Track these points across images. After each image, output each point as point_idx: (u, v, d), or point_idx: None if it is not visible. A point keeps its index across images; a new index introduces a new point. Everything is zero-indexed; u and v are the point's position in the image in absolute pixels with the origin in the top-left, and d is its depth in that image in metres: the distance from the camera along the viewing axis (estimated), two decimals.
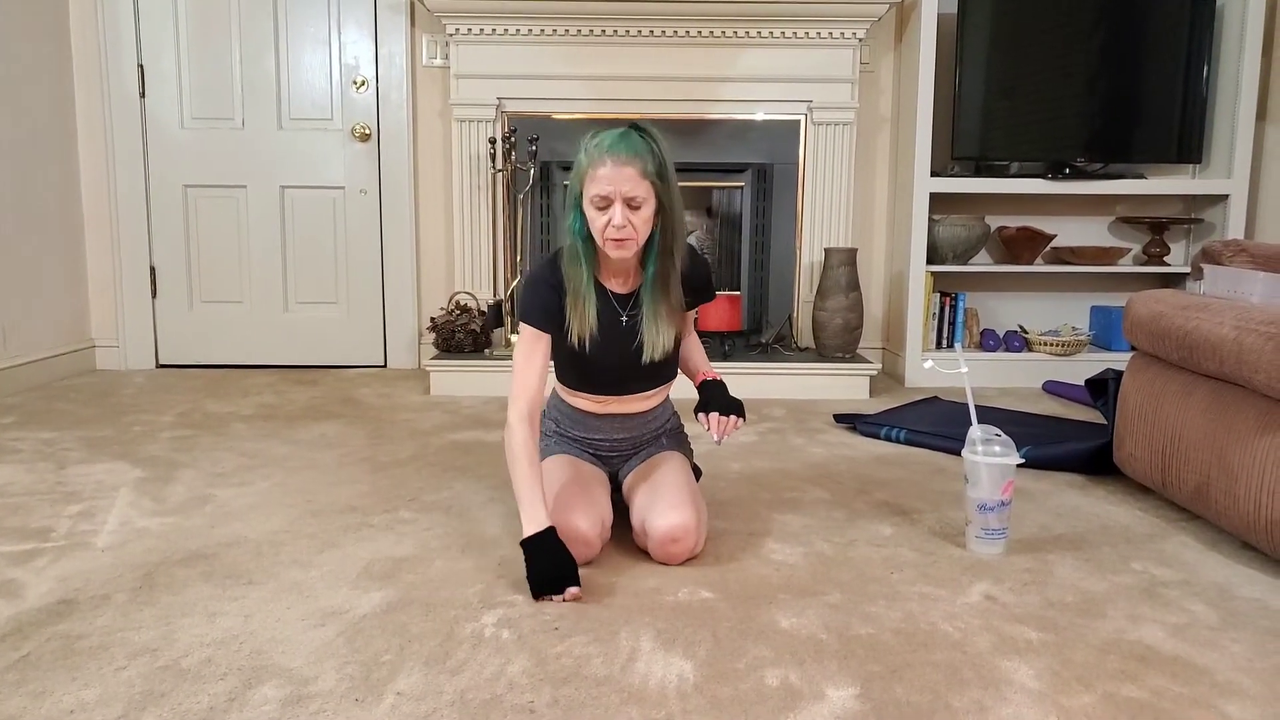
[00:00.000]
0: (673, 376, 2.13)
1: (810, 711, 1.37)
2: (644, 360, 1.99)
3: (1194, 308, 2.17)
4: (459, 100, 3.96)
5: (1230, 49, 3.94)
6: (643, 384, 2.05)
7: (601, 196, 1.82)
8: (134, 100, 4.14)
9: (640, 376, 2.03)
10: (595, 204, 1.83)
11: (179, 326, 4.30)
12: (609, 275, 1.99)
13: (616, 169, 1.80)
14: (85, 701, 1.38)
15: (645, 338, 1.97)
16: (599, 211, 1.84)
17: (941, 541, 2.10)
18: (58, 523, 2.17)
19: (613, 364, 2.00)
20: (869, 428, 3.10)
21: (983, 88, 3.94)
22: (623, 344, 1.98)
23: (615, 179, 1.80)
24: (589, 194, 1.84)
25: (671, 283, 1.97)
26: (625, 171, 1.80)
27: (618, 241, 1.85)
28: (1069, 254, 4.14)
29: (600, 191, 1.82)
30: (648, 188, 1.83)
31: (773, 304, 4.14)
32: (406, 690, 1.42)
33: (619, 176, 1.80)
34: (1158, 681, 1.47)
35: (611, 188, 1.81)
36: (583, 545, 1.88)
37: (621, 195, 1.81)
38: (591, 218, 1.86)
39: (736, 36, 3.91)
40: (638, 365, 2.00)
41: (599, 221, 1.85)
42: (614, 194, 1.81)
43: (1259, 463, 1.92)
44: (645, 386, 2.06)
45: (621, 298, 2.00)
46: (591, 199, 1.83)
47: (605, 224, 1.83)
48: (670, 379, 2.12)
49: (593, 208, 1.84)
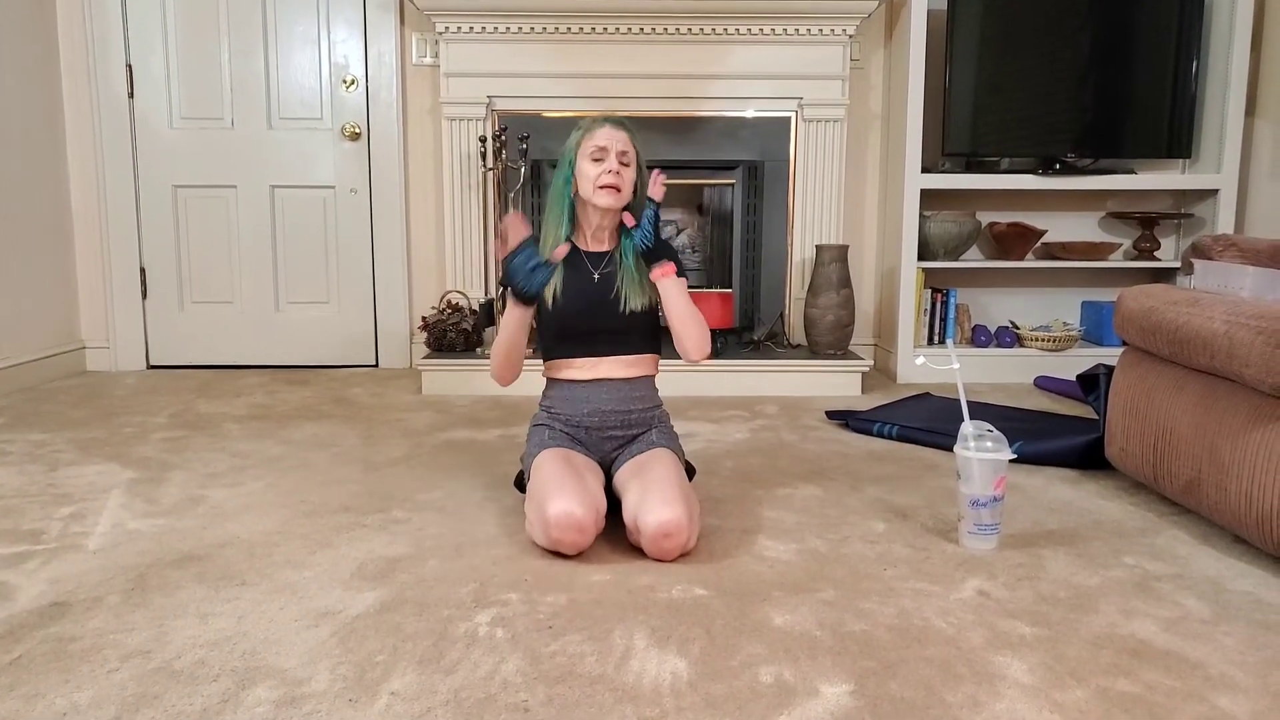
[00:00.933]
0: (654, 348, 2.22)
1: (804, 708, 1.37)
2: (620, 309, 2.13)
3: (1185, 302, 2.18)
4: (449, 99, 3.95)
5: (1219, 44, 3.95)
6: (620, 341, 2.15)
7: (599, 147, 2.09)
8: (122, 100, 4.12)
9: (616, 329, 2.15)
10: (592, 155, 2.10)
11: (169, 327, 4.28)
12: (583, 238, 2.20)
13: (613, 131, 2.12)
14: (78, 704, 1.37)
15: (623, 287, 2.14)
16: (595, 163, 2.10)
17: (934, 537, 2.10)
18: (49, 525, 2.16)
19: (587, 315, 2.14)
20: (861, 424, 3.10)
21: (973, 84, 3.94)
22: (595, 297, 2.15)
23: (612, 137, 2.11)
24: (586, 150, 2.10)
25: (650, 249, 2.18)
26: (620, 134, 2.12)
27: (610, 187, 2.09)
28: (1060, 249, 4.15)
29: (599, 143, 2.09)
30: (634, 154, 2.14)
31: (764, 301, 4.14)
32: (400, 690, 1.42)
33: (615, 136, 2.11)
34: (1150, 675, 1.48)
35: (608, 142, 2.10)
36: (577, 532, 1.89)
37: (615, 150, 2.10)
38: (586, 170, 2.11)
39: (726, 34, 3.91)
40: (613, 317, 2.14)
41: (594, 171, 2.09)
42: (610, 146, 2.10)
43: (1250, 457, 1.92)
44: (623, 346, 2.15)
45: (594, 256, 2.19)
46: (589, 152, 2.10)
47: (600, 171, 2.09)
48: (651, 350, 2.21)
49: (589, 160, 2.10)
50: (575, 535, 1.90)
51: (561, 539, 1.90)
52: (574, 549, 1.92)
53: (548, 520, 1.90)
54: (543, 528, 1.92)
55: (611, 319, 2.14)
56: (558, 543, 1.91)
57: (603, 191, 2.09)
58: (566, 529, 1.88)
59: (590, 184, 2.09)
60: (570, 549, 1.92)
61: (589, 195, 2.11)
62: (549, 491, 1.93)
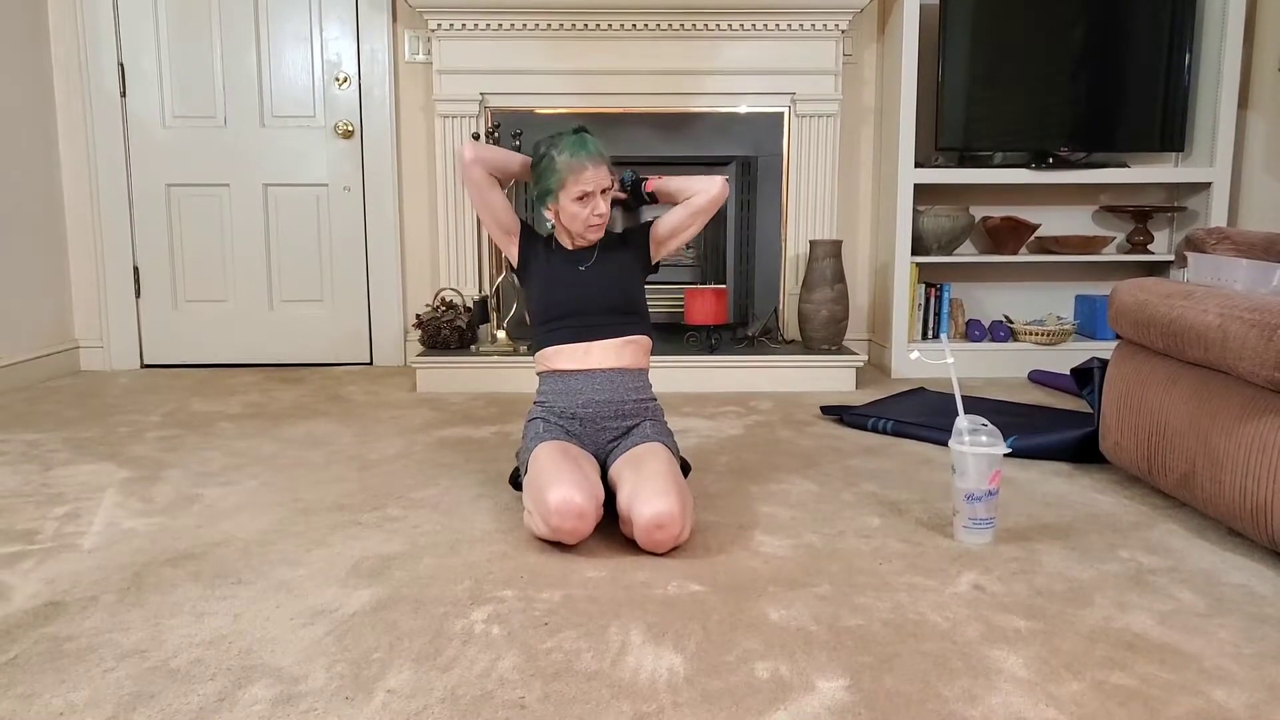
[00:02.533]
0: (644, 329, 2.25)
1: (800, 703, 1.37)
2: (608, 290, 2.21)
3: (1178, 296, 2.18)
4: (442, 96, 3.95)
5: (1211, 37, 3.96)
6: (609, 325, 2.19)
7: (588, 194, 2.14)
8: (115, 99, 4.11)
9: (604, 309, 2.20)
10: (578, 198, 2.15)
11: (163, 326, 4.27)
12: (568, 239, 2.27)
13: (596, 170, 2.14)
14: (74, 703, 1.37)
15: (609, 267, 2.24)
16: (581, 204, 2.15)
17: (929, 532, 2.10)
18: (44, 524, 2.16)
19: (575, 299, 2.21)
20: (856, 419, 3.10)
21: (966, 78, 3.95)
22: (582, 282, 2.23)
23: (596, 178, 2.14)
24: (572, 193, 2.14)
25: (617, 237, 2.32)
26: (602, 170, 2.16)
27: (599, 227, 2.20)
28: (1053, 243, 4.16)
29: (586, 189, 2.14)
30: (610, 177, 2.20)
31: (759, 297, 4.14)
32: (397, 688, 1.42)
33: (599, 175, 2.15)
34: (1146, 668, 1.48)
35: (594, 185, 2.14)
36: (577, 518, 1.90)
37: (599, 190, 2.16)
38: (573, 211, 2.17)
39: (719, 29, 3.91)
40: (601, 298, 2.21)
41: (582, 213, 2.16)
42: (594, 189, 2.15)
43: (1244, 449, 1.93)
44: (613, 329, 2.19)
45: (580, 253, 2.26)
46: (576, 197, 2.14)
47: (589, 213, 2.16)
48: (641, 331, 2.24)
49: (574, 202, 2.15)
50: (575, 522, 1.90)
51: (562, 526, 1.90)
52: (574, 537, 1.92)
53: (548, 508, 1.90)
54: (543, 516, 1.93)
55: (600, 298, 2.21)
56: (558, 530, 1.91)
57: (594, 229, 2.20)
58: (567, 515, 1.89)
59: (580, 224, 2.18)
60: (570, 537, 1.92)
61: (579, 232, 2.21)
62: (548, 480, 1.95)
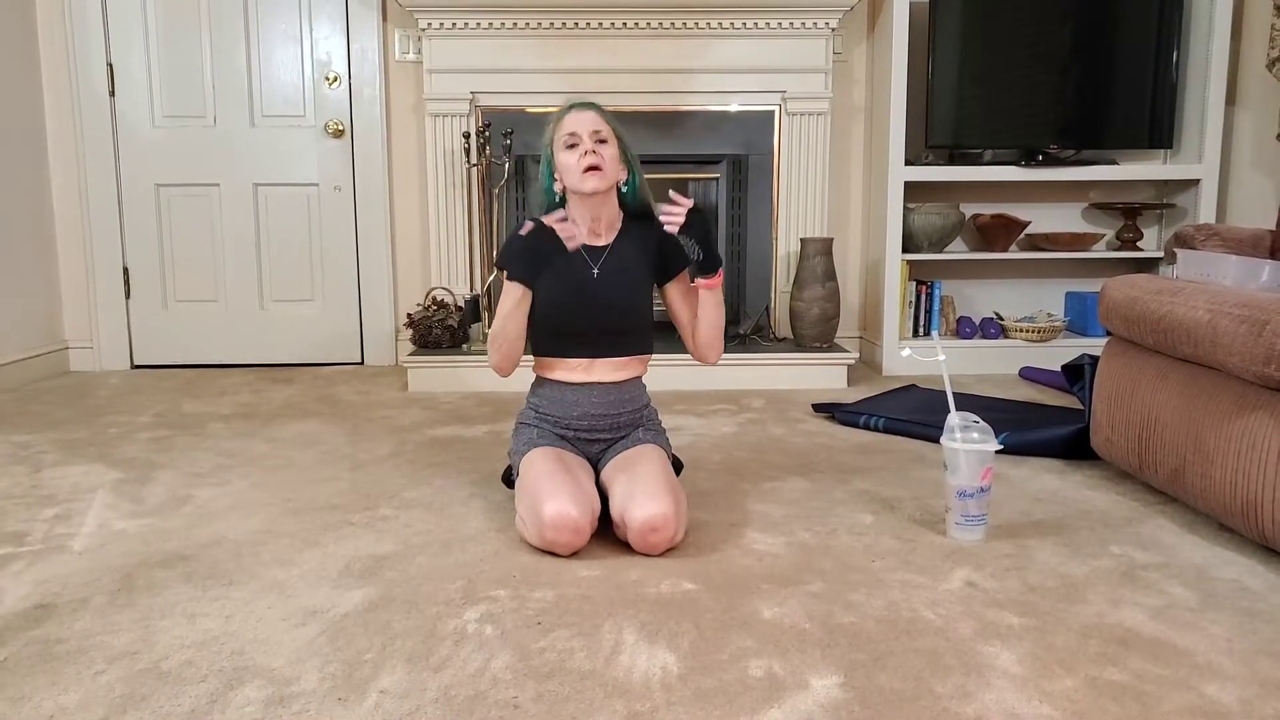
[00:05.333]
0: (646, 349, 2.17)
1: (794, 701, 1.37)
2: (620, 308, 2.10)
3: (1168, 292, 2.19)
4: (432, 95, 3.94)
5: (1199, 34, 3.97)
6: (616, 343, 2.10)
7: (570, 133, 2.04)
8: (103, 99, 4.09)
9: (614, 329, 2.10)
10: (566, 143, 2.05)
11: (153, 327, 4.26)
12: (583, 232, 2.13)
13: (579, 114, 2.07)
14: (65, 706, 1.37)
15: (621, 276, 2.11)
16: (570, 150, 2.04)
17: (922, 529, 2.11)
18: (34, 526, 2.15)
19: (584, 313, 2.08)
20: (848, 416, 3.11)
21: (955, 76, 3.95)
22: (594, 294, 2.09)
23: (580, 120, 2.05)
24: (559, 140, 2.05)
25: (646, 231, 2.14)
26: (587, 114, 2.07)
27: (591, 169, 2.02)
28: (1043, 240, 4.17)
29: (569, 129, 2.04)
30: (608, 130, 2.07)
31: (750, 295, 4.14)
32: (390, 688, 1.41)
33: (583, 119, 2.06)
34: (1139, 664, 1.48)
35: (577, 127, 2.04)
36: (573, 533, 1.87)
37: (587, 131, 2.04)
38: (564, 161, 2.05)
39: (709, 28, 3.91)
40: (611, 316, 2.10)
41: (572, 159, 2.04)
42: (580, 131, 2.04)
43: (1234, 445, 1.94)
44: (619, 348, 2.11)
45: (593, 251, 2.12)
46: (562, 140, 2.05)
47: (578, 156, 2.03)
48: (643, 350, 2.17)
49: (564, 149, 2.05)
50: (571, 536, 1.88)
51: (557, 540, 1.88)
52: (568, 550, 1.90)
53: (543, 521, 1.87)
54: (537, 529, 1.90)
55: (609, 319, 2.10)
56: (552, 544, 1.89)
57: (587, 175, 2.02)
58: (562, 530, 1.86)
59: (574, 173, 2.03)
60: (565, 550, 1.90)
61: (576, 185, 2.04)
62: (542, 492, 1.90)
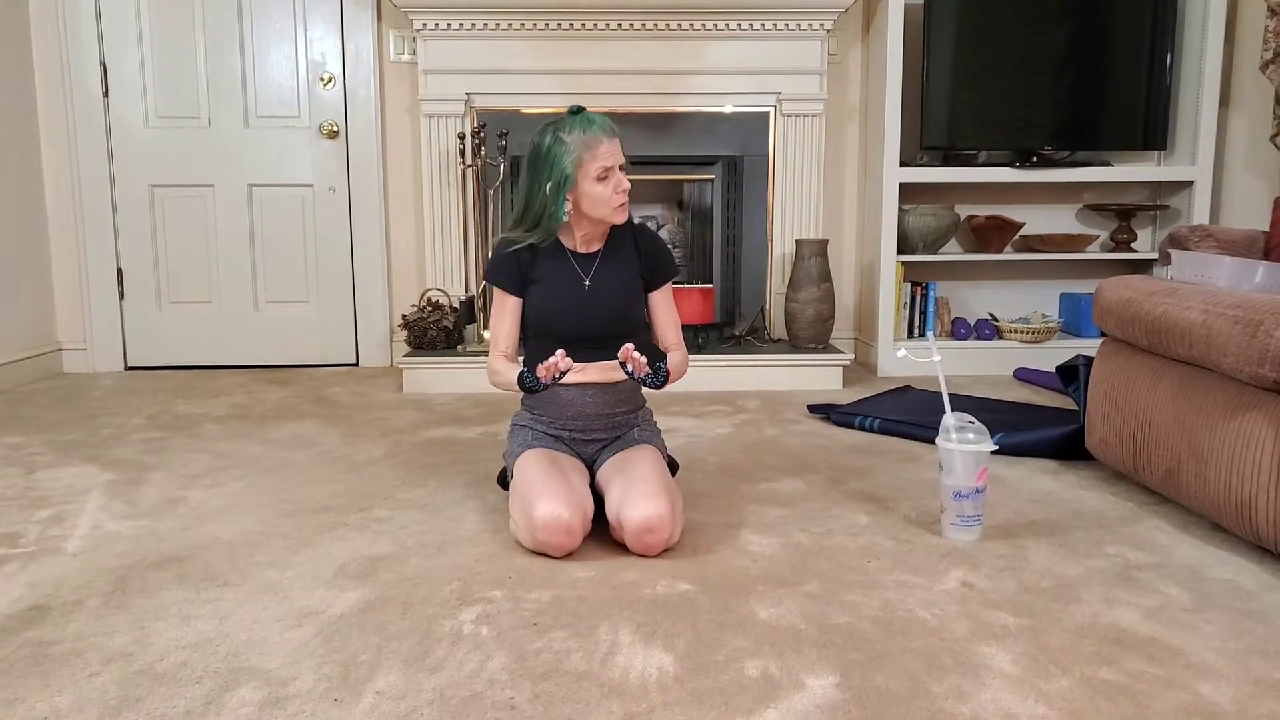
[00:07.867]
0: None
1: (790, 701, 1.37)
2: (610, 316, 2.11)
3: (1162, 293, 2.19)
4: (427, 96, 3.94)
5: (1193, 36, 3.98)
6: (608, 347, 2.08)
7: (607, 169, 2.03)
8: (97, 99, 4.08)
9: (605, 335, 2.10)
10: (599, 176, 2.03)
11: (147, 328, 4.25)
12: (572, 240, 2.15)
13: (611, 144, 2.04)
14: (59, 708, 1.36)
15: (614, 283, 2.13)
16: (602, 182, 2.04)
17: (917, 529, 2.11)
18: (27, 528, 2.14)
19: (575, 320, 2.10)
20: (843, 417, 3.11)
21: (950, 77, 3.96)
22: (585, 302, 2.11)
23: (613, 152, 2.04)
24: (592, 170, 2.02)
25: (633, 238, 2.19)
26: (616, 143, 2.06)
27: (624, 206, 2.08)
28: (1038, 242, 4.18)
29: (606, 164, 2.03)
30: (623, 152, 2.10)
31: (745, 296, 4.14)
32: (385, 689, 1.41)
33: (615, 149, 2.05)
34: (1133, 664, 1.49)
35: (612, 160, 2.04)
36: (565, 534, 1.88)
37: (618, 164, 2.06)
38: (594, 192, 2.04)
39: (704, 29, 3.91)
40: (602, 323, 2.11)
41: (605, 192, 2.04)
42: (614, 164, 2.04)
43: (1228, 445, 1.94)
44: (611, 352, 2.08)
45: (584, 259, 2.15)
46: (596, 174, 2.03)
47: (613, 190, 2.05)
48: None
49: (595, 181, 2.03)
50: (563, 538, 1.88)
51: (549, 541, 1.88)
52: (561, 551, 1.90)
53: (534, 523, 1.88)
54: (529, 530, 1.90)
55: (600, 325, 2.11)
56: (545, 545, 1.89)
57: (619, 210, 2.08)
58: (554, 532, 1.87)
59: (607, 206, 2.06)
60: (557, 551, 1.90)
61: (605, 216, 2.07)
62: (535, 494, 1.91)
